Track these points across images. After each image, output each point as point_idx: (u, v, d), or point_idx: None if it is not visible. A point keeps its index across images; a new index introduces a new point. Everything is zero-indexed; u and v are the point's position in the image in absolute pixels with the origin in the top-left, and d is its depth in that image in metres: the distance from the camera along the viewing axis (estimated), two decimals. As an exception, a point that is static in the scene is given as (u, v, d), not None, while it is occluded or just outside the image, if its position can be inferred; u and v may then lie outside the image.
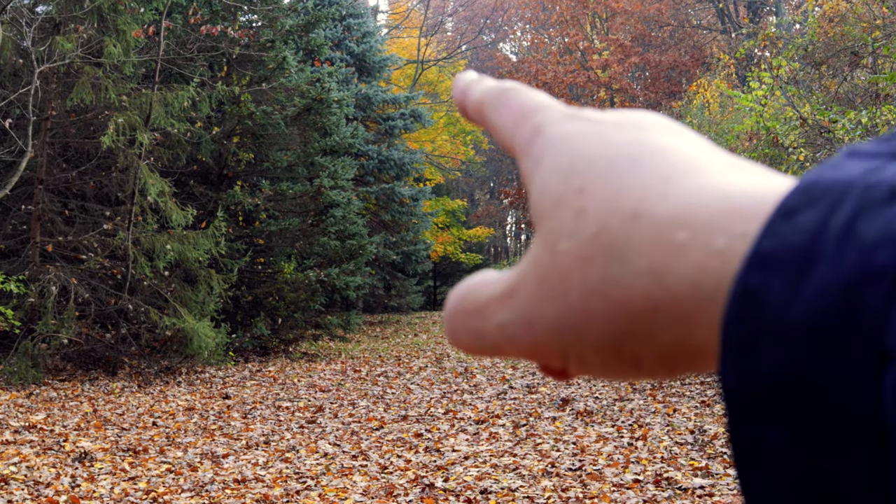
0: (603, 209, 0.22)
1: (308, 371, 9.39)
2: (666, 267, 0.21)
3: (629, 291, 0.21)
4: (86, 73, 8.24)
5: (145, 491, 4.57)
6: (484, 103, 0.29)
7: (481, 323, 0.25)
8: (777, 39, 13.07)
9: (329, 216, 11.72)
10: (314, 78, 11.03)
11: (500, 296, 0.25)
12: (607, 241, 0.22)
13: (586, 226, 0.22)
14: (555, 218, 0.23)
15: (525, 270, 0.24)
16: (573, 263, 0.22)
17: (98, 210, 9.06)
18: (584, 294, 0.22)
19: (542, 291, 0.23)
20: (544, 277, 0.23)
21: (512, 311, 0.24)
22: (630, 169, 0.23)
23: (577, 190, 0.23)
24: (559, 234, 0.23)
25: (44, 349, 8.04)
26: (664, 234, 0.21)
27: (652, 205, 0.22)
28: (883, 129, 6.63)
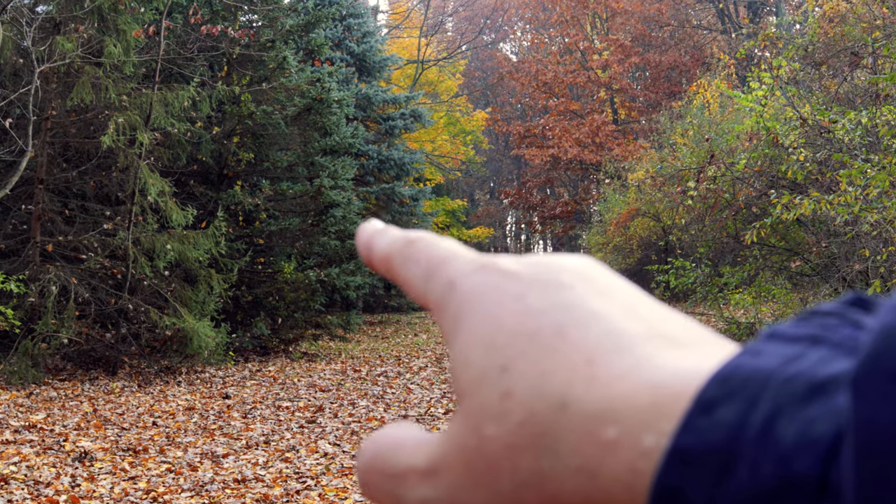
0: (529, 394, 0.21)
1: (308, 371, 9.39)
2: (598, 465, 0.20)
3: (562, 488, 0.21)
4: (86, 73, 8.24)
5: (145, 490, 4.57)
6: (390, 258, 0.27)
7: (399, 491, 0.24)
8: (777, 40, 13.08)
9: (329, 216, 11.72)
10: (314, 78, 11.03)
11: (421, 470, 0.23)
12: (536, 432, 0.21)
13: (513, 411, 0.21)
14: (478, 397, 0.22)
15: (448, 449, 0.23)
16: (501, 452, 0.21)
17: (98, 210, 9.06)
18: (515, 486, 0.21)
19: (469, 478, 0.22)
20: (471, 462, 0.22)
21: (435, 491, 0.23)
22: (554, 346, 0.22)
23: (501, 368, 0.22)
24: (484, 416, 0.22)
25: (44, 349, 8.04)
26: (593, 428, 0.20)
27: (579, 393, 0.21)
28: (883, 130, 6.63)
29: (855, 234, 7.16)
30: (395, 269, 0.27)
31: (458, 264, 0.25)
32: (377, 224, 0.30)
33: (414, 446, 0.24)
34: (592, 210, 24.31)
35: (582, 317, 0.22)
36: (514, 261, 0.25)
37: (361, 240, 0.29)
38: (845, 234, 7.48)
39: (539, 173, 26.90)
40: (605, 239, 16.84)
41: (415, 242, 0.27)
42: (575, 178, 27.13)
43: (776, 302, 9.60)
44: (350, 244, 11.83)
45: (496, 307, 0.23)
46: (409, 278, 0.27)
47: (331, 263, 11.71)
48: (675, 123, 14.27)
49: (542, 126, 25.21)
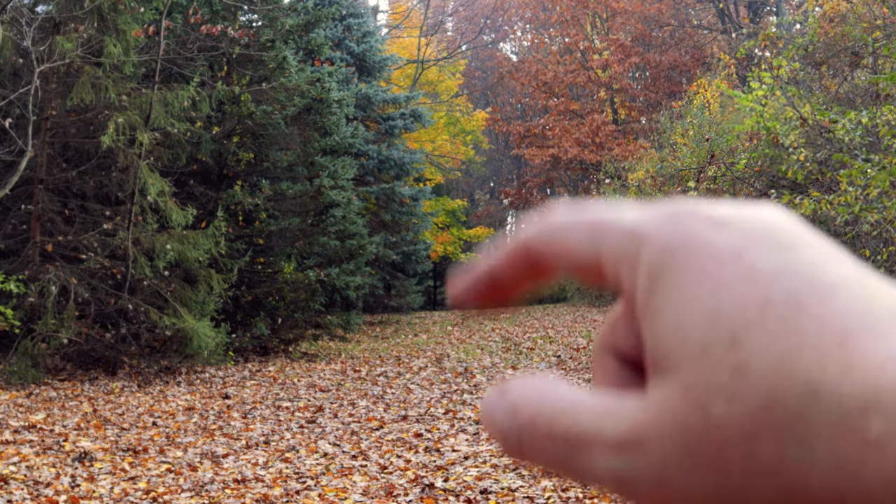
0: (770, 374, 0.19)
1: (308, 371, 9.39)
2: (858, 463, 0.18)
3: (809, 483, 0.18)
4: (86, 73, 8.23)
5: (145, 491, 4.57)
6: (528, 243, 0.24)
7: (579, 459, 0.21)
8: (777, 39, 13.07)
9: (329, 216, 11.71)
10: (314, 78, 11.03)
11: (614, 439, 0.21)
12: (781, 420, 0.19)
13: (750, 392, 0.19)
14: (702, 370, 0.20)
15: (658, 422, 0.20)
16: (735, 436, 0.19)
17: (98, 210, 9.06)
18: (748, 473, 0.19)
19: (688, 458, 0.20)
20: (692, 442, 0.20)
21: (636, 464, 0.20)
22: (793, 321, 0.19)
23: (730, 339, 0.19)
24: (712, 392, 0.19)
25: (43, 349, 8.04)
26: (854, 421, 0.18)
27: (833, 379, 0.18)
28: (883, 130, 6.62)
29: (855, 234, 7.16)
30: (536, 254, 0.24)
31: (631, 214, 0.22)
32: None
33: (596, 410, 0.21)
34: (592, 210, 24.27)
35: (818, 287, 0.20)
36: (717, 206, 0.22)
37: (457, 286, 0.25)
38: (846, 234, 7.47)
39: (539, 173, 26.89)
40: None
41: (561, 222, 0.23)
42: (575, 177, 27.12)
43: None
44: (350, 244, 11.83)
45: (713, 264, 0.20)
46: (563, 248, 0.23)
47: (331, 263, 11.70)
48: (676, 123, 14.27)
49: (543, 126, 25.21)
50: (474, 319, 16.93)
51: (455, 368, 9.34)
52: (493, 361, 9.80)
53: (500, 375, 8.67)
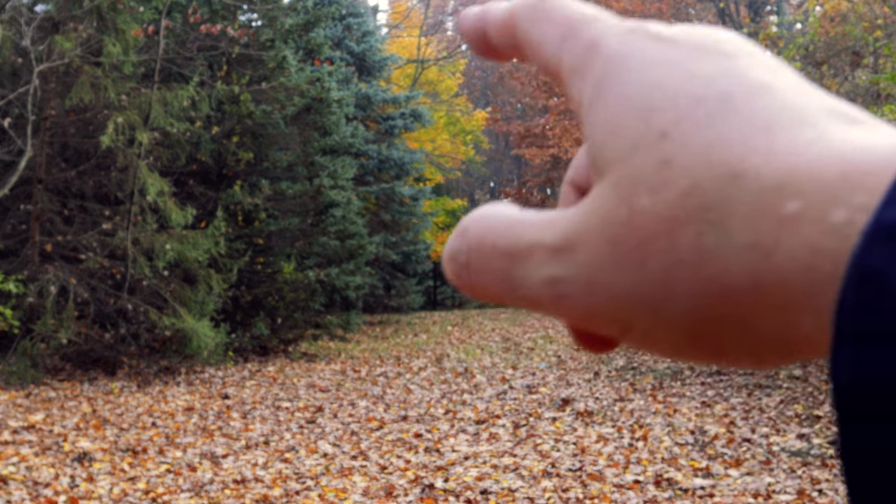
0: (694, 162, 0.19)
1: (308, 371, 9.37)
2: (774, 243, 0.18)
3: (727, 268, 0.18)
4: (85, 73, 8.22)
5: (144, 491, 4.56)
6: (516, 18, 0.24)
7: (519, 270, 0.21)
8: (778, 39, 13.06)
9: (329, 216, 11.70)
10: (314, 77, 11.02)
11: (551, 245, 0.21)
12: (702, 204, 0.18)
13: (674, 181, 0.19)
14: (631, 165, 0.20)
15: (587, 223, 0.20)
16: (657, 226, 0.19)
17: (97, 210, 9.04)
18: (668, 265, 0.19)
19: (614, 254, 0.20)
20: (617, 237, 0.19)
21: (569, 269, 0.20)
22: (722, 113, 0.19)
23: (660, 133, 0.19)
24: (637, 186, 0.19)
25: (43, 349, 8.02)
26: (771, 201, 0.18)
27: (755, 163, 0.18)
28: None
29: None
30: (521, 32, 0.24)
31: (603, 25, 0.23)
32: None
33: (539, 223, 0.21)
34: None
35: (752, 87, 0.20)
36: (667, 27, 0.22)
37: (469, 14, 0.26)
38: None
39: (539, 173, 26.88)
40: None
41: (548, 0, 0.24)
42: (575, 177, 27.13)
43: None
44: (350, 244, 11.82)
45: (652, 70, 0.21)
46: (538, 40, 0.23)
47: (330, 263, 11.69)
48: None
49: (543, 126, 25.22)
50: (474, 319, 16.92)
51: (455, 368, 9.33)
52: (493, 361, 9.79)
53: (500, 375, 8.66)
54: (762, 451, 4.98)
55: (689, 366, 8.39)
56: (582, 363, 9.26)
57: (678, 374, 7.96)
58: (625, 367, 8.69)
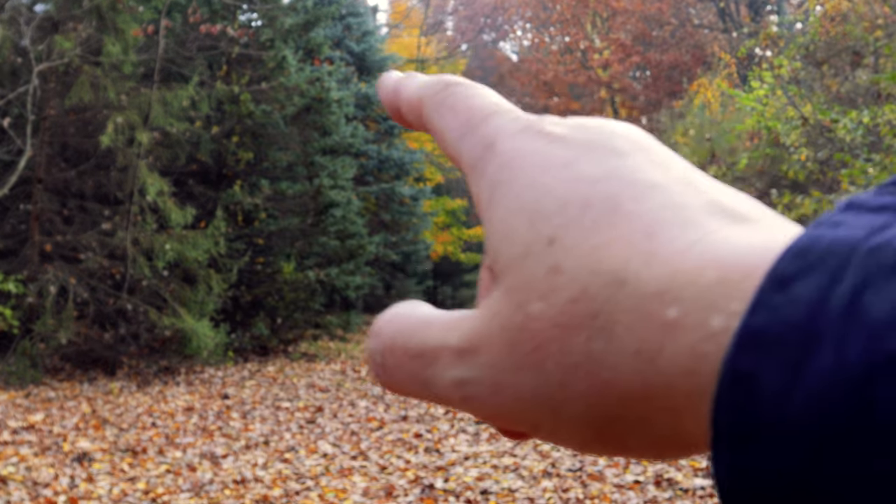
0: (581, 269, 0.19)
1: (307, 371, 9.37)
2: (657, 348, 0.18)
3: (616, 372, 0.19)
4: (85, 72, 8.21)
5: (144, 491, 4.55)
6: (422, 103, 0.25)
7: (429, 371, 0.22)
8: (778, 39, 13.06)
9: (329, 216, 11.69)
10: (314, 77, 11.01)
11: (456, 348, 0.21)
12: (589, 311, 0.19)
13: (563, 287, 0.19)
14: (522, 272, 0.20)
15: (488, 327, 0.21)
16: (549, 332, 0.19)
17: (97, 209, 9.04)
18: (563, 369, 0.19)
19: (513, 358, 0.20)
20: (514, 341, 0.20)
21: (473, 371, 0.21)
22: (608, 218, 0.20)
23: (548, 240, 0.20)
24: (529, 292, 0.20)
25: (42, 349, 8.02)
26: (653, 307, 0.18)
27: (637, 269, 0.19)
28: (884, 130, 6.60)
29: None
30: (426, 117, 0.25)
31: (500, 122, 0.23)
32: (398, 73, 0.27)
33: (444, 324, 0.22)
34: (593, 209, 24.29)
35: (639, 187, 0.20)
36: (562, 123, 0.23)
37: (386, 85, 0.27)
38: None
39: (539, 173, 26.84)
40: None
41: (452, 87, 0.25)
42: (575, 177, 27.13)
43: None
44: (350, 244, 11.81)
45: (542, 174, 0.21)
46: (442, 129, 0.24)
47: (330, 263, 11.68)
48: (676, 123, 14.25)
49: (543, 125, 25.24)
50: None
51: (455, 368, 9.32)
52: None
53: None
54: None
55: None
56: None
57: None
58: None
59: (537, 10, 27.37)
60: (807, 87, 9.14)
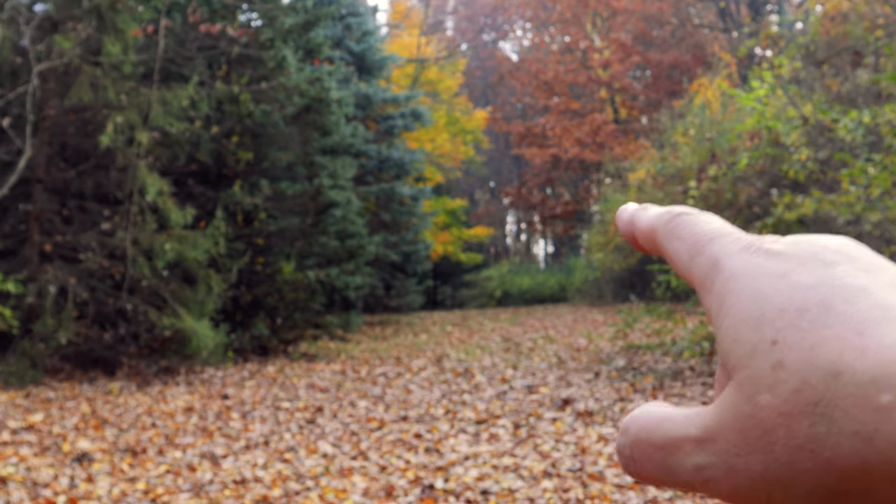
0: (801, 364, 0.23)
1: (307, 371, 9.36)
2: (874, 430, 0.21)
3: (838, 452, 0.22)
4: (84, 72, 8.21)
5: (144, 491, 4.55)
6: (655, 232, 0.30)
7: (673, 460, 0.26)
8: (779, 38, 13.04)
9: (329, 216, 11.69)
10: (314, 77, 11.00)
11: (696, 438, 0.25)
12: (811, 399, 0.22)
13: (785, 380, 0.23)
14: (750, 369, 0.24)
15: (723, 417, 0.24)
16: (776, 419, 0.23)
17: (97, 209, 9.03)
18: (790, 451, 0.23)
19: (744, 443, 0.24)
20: (745, 428, 0.24)
21: (711, 457, 0.25)
22: (822, 320, 0.23)
23: (771, 341, 0.24)
24: (757, 386, 0.23)
25: (42, 349, 8.01)
26: (868, 394, 0.22)
27: (851, 361, 0.22)
28: (885, 129, 6.60)
29: (857, 234, 7.13)
30: (659, 244, 0.30)
31: (723, 243, 0.27)
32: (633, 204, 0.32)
33: (684, 418, 0.26)
34: (593, 210, 24.29)
35: (848, 292, 0.24)
36: (779, 241, 0.27)
37: (623, 217, 0.32)
38: (847, 234, 7.44)
39: (539, 173, 26.86)
40: (606, 239, 16.81)
41: (679, 217, 0.29)
42: (575, 177, 27.10)
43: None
44: (350, 244, 11.80)
45: (762, 285, 0.25)
46: (673, 254, 0.29)
47: (330, 263, 11.68)
48: (676, 122, 14.24)
49: (543, 125, 25.19)
50: (474, 319, 16.91)
51: (455, 368, 9.31)
52: (494, 361, 9.77)
53: (500, 375, 8.65)
54: (763, 452, 4.96)
55: (689, 366, 8.38)
56: (582, 364, 9.24)
57: (678, 375, 7.95)
58: (625, 367, 8.67)
59: (537, 10, 27.34)
60: (807, 86, 9.13)
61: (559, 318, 16.33)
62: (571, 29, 25.58)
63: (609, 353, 9.83)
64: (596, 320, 14.98)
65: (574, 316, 16.57)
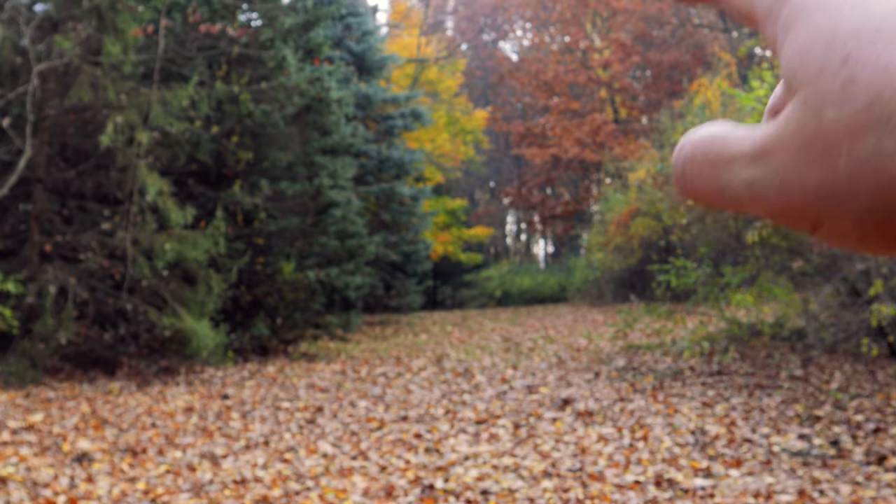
0: (874, 80, 0.22)
1: (307, 371, 9.36)
2: None
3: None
4: (84, 72, 8.21)
5: (144, 491, 4.55)
6: None
7: (725, 175, 0.26)
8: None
9: (329, 216, 11.69)
10: (314, 77, 11.00)
11: (750, 153, 0.25)
12: (882, 114, 0.22)
13: (857, 96, 0.22)
14: (819, 85, 0.23)
15: (782, 133, 0.24)
16: (842, 133, 0.22)
17: (97, 209, 9.03)
18: (853, 165, 0.22)
19: (804, 156, 0.23)
20: (807, 143, 0.23)
21: (765, 170, 0.24)
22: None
23: (843, 60, 0.23)
24: (824, 102, 0.23)
25: (42, 349, 8.01)
26: None
27: None
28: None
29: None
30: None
31: None
32: None
33: (741, 136, 0.26)
34: (593, 210, 24.29)
35: None
36: None
37: None
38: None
39: (539, 173, 26.86)
40: (606, 238, 16.81)
41: None
42: (575, 177, 27.10)
43: (778, 302, 9.58)
44: (350, 244, 11.80)
45: (836, 10, 0.24)
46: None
47: (330, 263, 11.68)
48: (677, 122, 14.24)
49: (543, 125, 25.19)
50: (474, 319, 16.90)
51: (455, 368, 9.32)
52: (494, 361, 9.77)
53: (500, 375, 8.65)
54: (763, 452, 4.97)
55: (689, 366, 8.38)
56: (582, 363, 9.24)
57: (678, 375, 7.95)
58: (625, 367, 8.67)
59: (537, 10, 27.34)
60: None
61: (559, 318, 16.33)
62: (571, 29, 25.58)
63: (609, 353, 9.83)
64: (596, 320, 14.98)
65: (574, 316, 16.57)
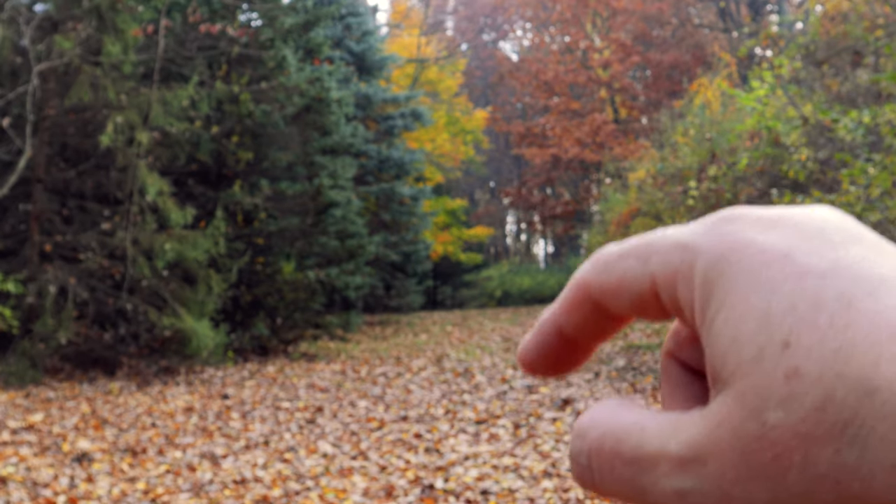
0: (823, 374, 0.18)
1: (307, 371, 9.36)
2: None
3: (870, 485, 0.18)
4: (84, 72, 8.21)
5: (144, 491, 4.55)
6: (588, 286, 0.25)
7: (646, 479, 0.21)
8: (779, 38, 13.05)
9: (329, 216, 11.69)
10: (314, 77, 11.00)
11: (677, 456, 0.20)
12: (837, 419, 0.18)
13: (804, 394, 0.18)
14: (755, 377, 0.19)
15: (717, 435, 0.20)
16: (792, 442, 0.18)
17: (97, 209, 9.03)
18: (808, 481, 0.18)
19: (747, 469, 0.19)
20: (749, 452, 0.19)
21: (698, 482, 0.20)
22: (844, 318, 0.19)
23: (782, 344, 0.19)
24: (766, 399, 0.19)
25: (42, 349, 8.01)
26: None
27: (887, 373, 0.18)
28: (885, 129, 6.60)
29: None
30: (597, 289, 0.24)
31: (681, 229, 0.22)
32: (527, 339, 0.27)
33: (661, 429, 0.21)
34: (593, 210, 24.28)
35: (868, 283, 0.19)
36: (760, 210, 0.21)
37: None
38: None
39: (539, 173, 26.86)
40: (606, 239, 16.80)
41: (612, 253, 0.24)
42: (575, 177, 27.11)
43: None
44: (350, 244, 11.80)
45: (762, 267, 0.20)
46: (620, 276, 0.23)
47: (330, 263, 11.68)
48: (676, 122, 14.24)
49: (543, 125, 25.19)
50: (474, 319, 16.90)
51: (455, 368, 9.31)
52: (494, 361, 9.77)
53: (500, 375, 8.64)
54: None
55: (689, 366, 8.38)
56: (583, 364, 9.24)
57: (679, 374, 7.96)
58: (625, 367, 8.67)
59: (537, 10, 27.34)
60: (807, 86, 9.13)
61: (559, 318, 16.28)
62: (571, 29, 25.59)
63: (609, 353, 9.83)
64: (596, 320, 14.96)
65: (574, 316, 16.52)
